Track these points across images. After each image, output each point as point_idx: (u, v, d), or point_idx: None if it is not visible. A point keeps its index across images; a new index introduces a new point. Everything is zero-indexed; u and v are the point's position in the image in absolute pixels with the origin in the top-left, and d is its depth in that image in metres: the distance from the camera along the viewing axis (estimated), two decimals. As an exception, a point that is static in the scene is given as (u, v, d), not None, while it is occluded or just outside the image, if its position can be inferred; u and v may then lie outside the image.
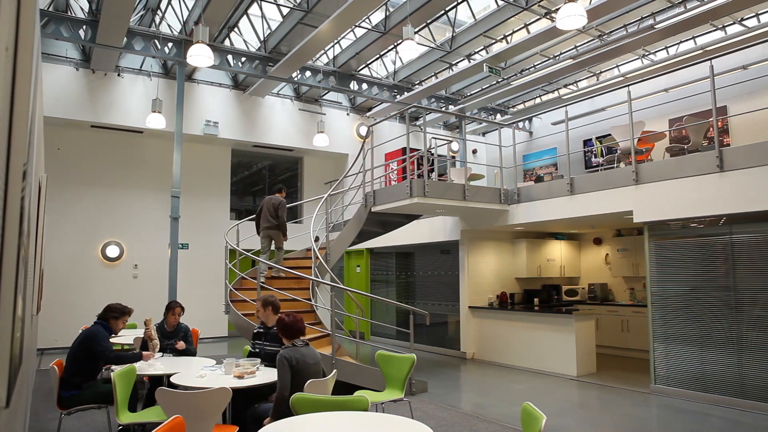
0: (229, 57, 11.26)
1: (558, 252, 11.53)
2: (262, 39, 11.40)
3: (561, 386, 7.72)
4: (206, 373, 4.50)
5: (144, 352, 5.15)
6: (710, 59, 6.78)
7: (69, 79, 11.04)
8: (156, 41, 10.41)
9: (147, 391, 5.24)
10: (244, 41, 11.50)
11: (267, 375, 4.44)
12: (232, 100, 12.94)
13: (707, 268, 6.65)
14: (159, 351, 5.55)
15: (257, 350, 5.17)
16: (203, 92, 12.56)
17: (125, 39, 9.98)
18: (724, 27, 10.70)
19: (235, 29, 11.03)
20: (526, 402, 2.98)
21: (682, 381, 6.79)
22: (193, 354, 5.91)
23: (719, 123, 10.26)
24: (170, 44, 10.58)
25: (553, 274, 11.34)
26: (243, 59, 11.41)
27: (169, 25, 10.86)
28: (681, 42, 11.50)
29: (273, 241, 8.75)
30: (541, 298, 10.78)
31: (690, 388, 6.68)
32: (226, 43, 11.19)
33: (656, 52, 11.96)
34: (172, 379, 4.35)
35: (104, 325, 5.02)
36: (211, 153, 13.35)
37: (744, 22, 10.46)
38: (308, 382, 3.95)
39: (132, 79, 11.71)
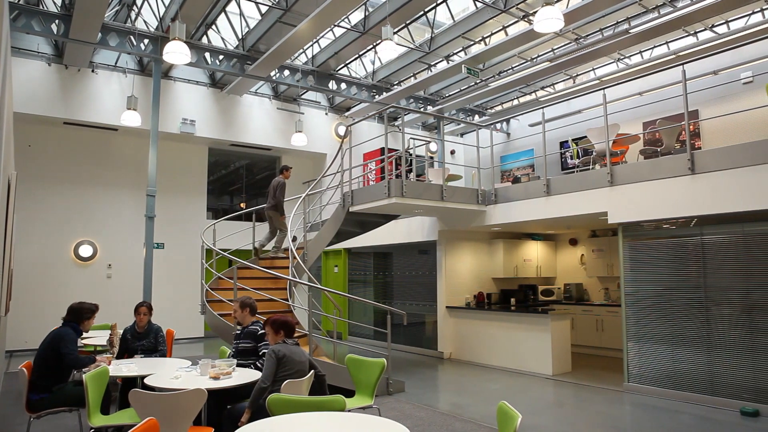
0: (207, 54, 11.14)
1: (534, 252, 11.66)
2: (240, 37, 11.30)
3: (537, 385, 7.80)
4: (181, 374, 4.44)
5: (98, 356, 5.05)
6: (682, 64, 6.92)
7: (41, 74, 10.80)
8: (131, 37, 10.24)
9: (120, 393, 5.15)
10: (222, 39, 11.39)
11: (243, 376, 4.40)
12: (209, 99, 12.80)
13: (679, 268, 6.79)
14: (132, 353, 5.48)
15: (234, 348, 5.15)
16: (180, 90, 12.40)
17: (99, 34, 9.79)
18: (695, 33, 10.93)
19: (213, 27, 10.91)
20: (501, 401, 3.00)
21: (655, 379, 6.91)
22: (163, 355, 5.82)
23: (691, 126, 10.48)
24: (146, 41, 10.41)
25: (530, 274, 11.46)
26: (221, 57, 11.30)
27: (145, 21, 10.69)
28: (655, 47, 11.72)
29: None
30: (518, 298, 10.88)
31: (662, 386, 6.81)
32: (204, 40, 11.06)
33: (631, 56, 12.17)
34: (146, 380, 4.28)
35: (74, 327, 4.92)
36: (188, 151, 13.19)
37: (715, 29, 10.71)
38: (285, 382, 3.93)
39: (106, 75, 11.50)
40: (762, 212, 5.94)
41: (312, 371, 4.33)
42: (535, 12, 9.70)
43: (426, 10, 10.57)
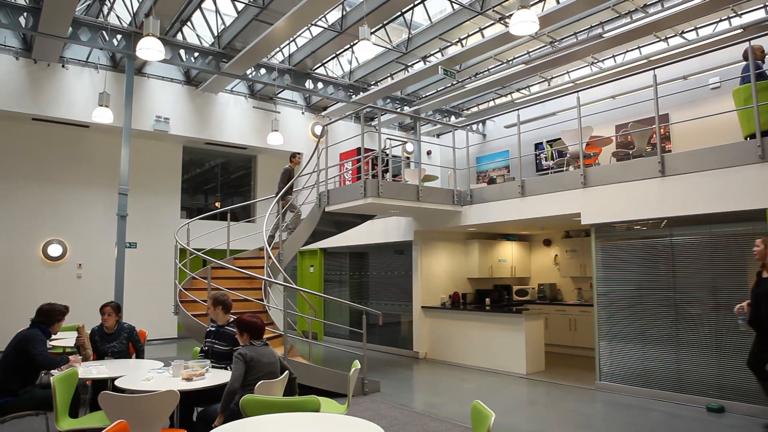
0: (182, 51, 10.98)
1: (509, 253, 11.77)
2: (216, 34, 11.17)
3: (511, 384, 7.89)
4: (153, 376, 4.37)
5: (71, 356, 4.92)
6: (653, 69, 7.06)
7: (8, 68, 10.52)
8: (104, 32, 10.04)
9: (90, 395, 5.04)
10: (197, 36, 11.23)
11: (216, 377, 4.35)
12: (184, 96, 12.63)
13: (649, 268, 6.93)
14: (101, 356, 5.36)
15: (206, 348, 5.06)
16: (154, 87, 12.21)
17: (70, 29, 9.58)
18: (666, 39, 11.17)
19: (188, 23, 10.76)
20: (475, 400, 3.03)
21: (625, 377, 7.04)
22: (141, 353, 5.72)
23: (662, 130, 10.69)
24: (119, 36, 10.23)
25: (505, 274, 11.57)
26: (196, 54, 11.15)
27: (118, 17, 10.49)
28: (627, 51, 11.93)
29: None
30: (493, 298, 10.97)
31: (632, 384, 6.94)
32: (179, 37, 10.91)
33: (604, 60, 12.37)
34: (116, 382, 4.20)
35: (43, 329, 4.81)
36: (162, 149, 13.00)
37: (684, 35, 10.95)
38: (259, 383, 3.90)
39: (77, 70, 11.26)
40: (728, 214, 6.10)
41: (286, 372, 4.30)
42: (511, 15, 9.80)
43: (403, 10, 10.59)
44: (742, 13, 10.22)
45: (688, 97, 10.25)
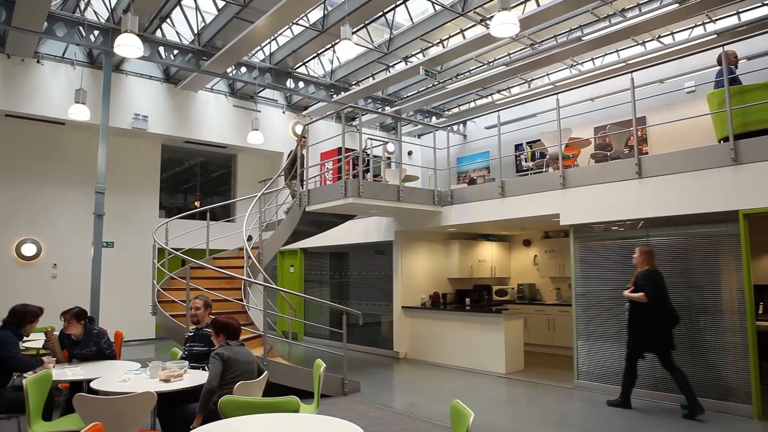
0: (161, 49, 10.84)
1: (489, 253, 11.85)
2: (195, 32, 11.05)
3: (490, 383, 7.94)
4: (130, 378, 4.31)
5: (44, 358, 4.81)
6: (631, 72, 7.17)
7: (-19, 64, 10.30)
8: (80, 28, 9.87)
9: (65, 398, 4.94)
10: (177, 33, 11.10)
11: (195, 378, 4.31)
12: (163, 94, 12.47)
13: (626, 269, 7.01)
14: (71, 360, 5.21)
15: (186, 353, 5.01)
16: (132, 84, 12.04)
17: (46, 23, 9.40)
18: (644, 43, 11.34)
19: (168, 20, 10.63)
20: (455, 400, 3.04)
21: (603, 376, 7.14)
22: (113, 357, 5.59)
23: (639, 132, 10.85)
24: (96, 32, 10.05)
25: (484, 274, 11.64)
26: (175, 52, 11.02)
27: (95, 12, 10.31)
28: (606, 54, 12.10)
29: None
30: (473, 298, 11.03)
31: (609, 382, 7.03)
32: (158, 34, 10.77)
33: (583, 62, 12.51)
34: (92, 384, 4.13)
35: (14, 330, 4.70)
36: (140, 148, 12.82)
37: (661, 40, 11.14)
38: (238, 384, 3.88)
39: (53, 66, 11.05)
40: (702, 215, 6.22)
41: (266, 373, 4.28)
42: (492, 16, 9.86)
43: (385, 10, 10.60)
44: (716, 19, 10.44)
45: (665, 101, 10.42)
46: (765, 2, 9.79)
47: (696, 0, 9.12)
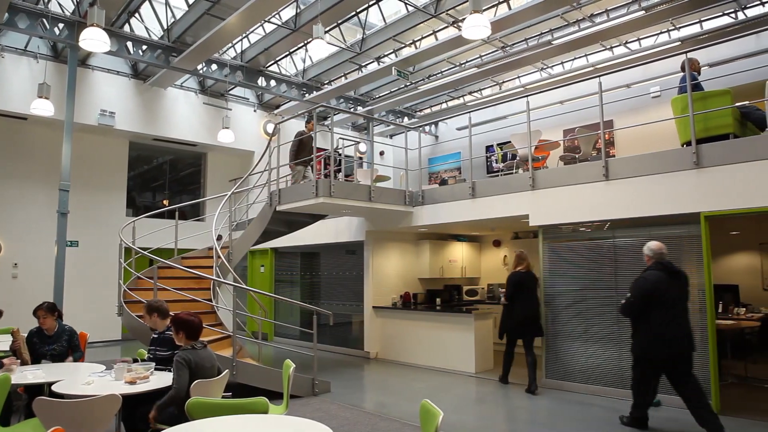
0: (129, 44, 10.61)
1: (459, 253, 11.94)
2: (165, 27, 10.85)
3: (460, 383, 8.00)
4: (94, 380, 4.21)
5: (5, 359, 4.69)
6: (599, 76, 7.31)
7: (-61, 56, 9.93)
8: (44, 20, 9.60)
9: (26, 402, 4.80)
10: (146, 28, 10.88)
11: (161, 380, 4.23)
12: (131, 90, 12.23)
13: (593, 269, 7.16)
14: (39, 358, 5.12)
15: (150, 356, 4.93)
16: (99, 79, 11.76)
17: (7, 14, 9.11)
18: (611, 48, 11.60)
19: (136, 15, 10.43)
20: (424, 399, 3.06)
21: (570, 374, 7.26)
22: (80, 359, 5.49)
23: (606, 135, 11.08)
24: (61, 25, 9.80)
25: (455, 274, 11.73)
26: (144, 47, 10.80)
27: (60, 4, 10.03)
28: (575, 59, 12.33)
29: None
30: (443, 298, 11.10)
31: (577, 380, 7.16)
32: (126, 28, 10.54)
33: (553, 66, 12.73)
34: (54, 387, 4.02)
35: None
36: (107, 145, 12.54)
37: (628, 45, 11.41)
38: (195, 383, 3.81)
39: (15, 59, 10.73)
40: (666, 217, 6.39)
41: (226, 372, 4.23)
42: (464, 19, 9.95)
43: (358, 10, 10.59)
44: (680, 27, 10.74)
45: (631, 105, 10.67)
46: (726, 12, 10.12)
47: (661, 8, 9.36)
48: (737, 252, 9.56)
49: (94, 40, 6.78)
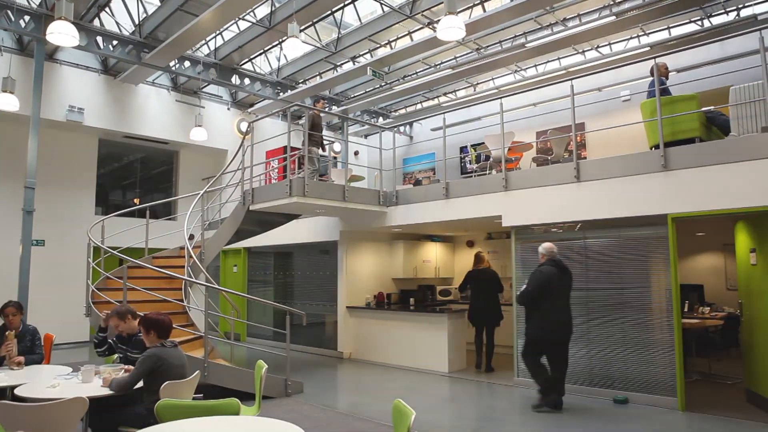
0: (99, 38, 10.39)
1: (433, 253, 12.00)
2: (137, 23, 10.64)
3: (433, 382, 8.04)
4: (59, 383, 4.11)
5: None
6: (571, 79, 7.43)
7: None
8: (9, 12, 9.33)
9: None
10: (117, 23, 10.66)
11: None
12: (100, 86, 11.97)
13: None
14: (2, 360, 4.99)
15: (120, 357, 4.83)
16: (67, 74, 11.49)
17: (-29, 8, 8.86)
18: (583, 52, 11.80)
19: (107, 9, 10.21)
20: (397, 399, 3.07)
21: (540, 374, 7.34)
22: (39, 361, 5.34)
23: (578, 138, 11.27)
24: (27, 17, 9.54)
25: (429, 274, 11.78)
26: (114, 42, 10.59)
27: (26, -3, 9.79)
28: (548, 62, 12.50)
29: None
30: (417, 298, 11.14)
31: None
32: (96, 23, 10.31)
33: (527, 68, 12.88)
34: (16, 391, 3.91)
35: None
36: (75, 142, 12.24)
37: (600, 49, 11.62)
38: (164, 384, 3.76)
39: (-21, 53, 10.41)
40: (634, 218, 6.52)
41: (197, 372, 4.18)
42: (439, 20, 10.00)
43: (333, 9, 10.56)
44: (649, 33, 10.98)
45: (602, 108, 10.87)
46: (692, 20, 10.39)
47: (631, 14, 9.56)
48: (702, 253, 9.83)
49: (61, 33, 6.61)
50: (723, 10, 10.08)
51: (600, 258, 6.95)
